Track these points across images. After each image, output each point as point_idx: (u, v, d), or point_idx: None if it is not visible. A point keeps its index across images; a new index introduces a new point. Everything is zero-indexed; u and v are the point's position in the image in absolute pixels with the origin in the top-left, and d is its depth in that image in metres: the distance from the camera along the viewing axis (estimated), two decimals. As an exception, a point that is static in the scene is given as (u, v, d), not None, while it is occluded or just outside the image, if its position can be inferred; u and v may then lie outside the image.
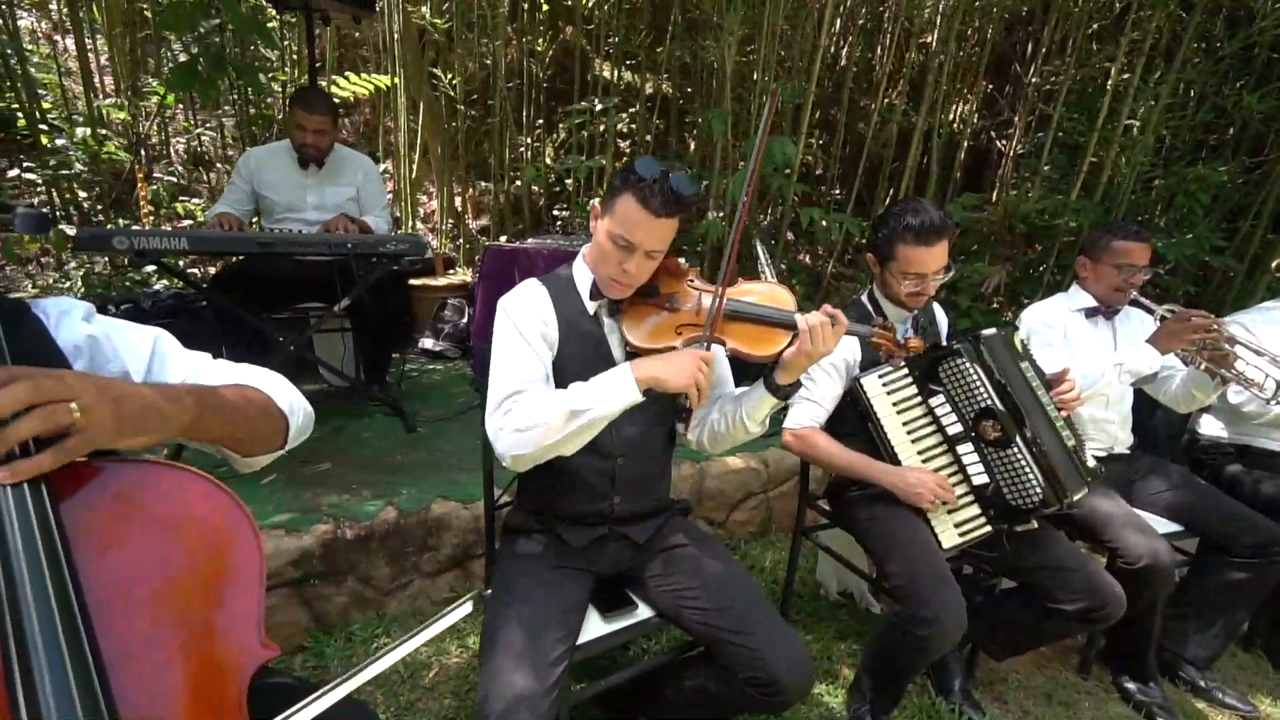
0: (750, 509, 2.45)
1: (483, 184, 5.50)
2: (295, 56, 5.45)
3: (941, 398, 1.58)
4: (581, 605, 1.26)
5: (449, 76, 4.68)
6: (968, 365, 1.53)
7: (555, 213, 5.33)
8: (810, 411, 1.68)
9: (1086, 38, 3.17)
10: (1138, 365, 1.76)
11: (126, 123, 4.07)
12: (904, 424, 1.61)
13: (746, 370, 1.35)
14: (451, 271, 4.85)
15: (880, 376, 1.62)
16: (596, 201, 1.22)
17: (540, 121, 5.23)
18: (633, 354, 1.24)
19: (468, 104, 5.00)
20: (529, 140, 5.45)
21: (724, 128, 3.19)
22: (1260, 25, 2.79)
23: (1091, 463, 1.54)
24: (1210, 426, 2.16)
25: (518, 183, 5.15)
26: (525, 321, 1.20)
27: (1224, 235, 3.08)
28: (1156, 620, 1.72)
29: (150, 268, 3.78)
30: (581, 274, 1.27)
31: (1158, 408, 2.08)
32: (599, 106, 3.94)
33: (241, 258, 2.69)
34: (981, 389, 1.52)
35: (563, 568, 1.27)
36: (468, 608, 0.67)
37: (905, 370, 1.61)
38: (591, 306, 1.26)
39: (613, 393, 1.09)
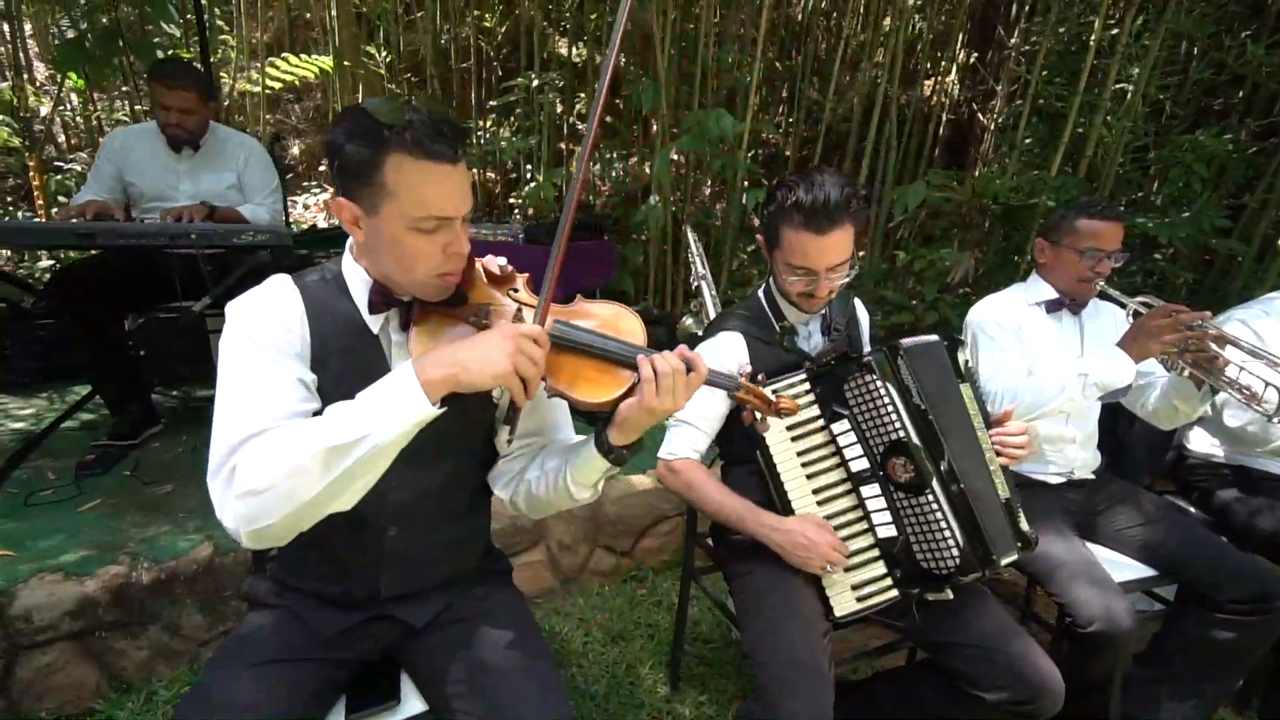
0: (662, 535, 2.13)
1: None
2: (231, 35, 5.14)
3: (846, 424, 1.23)
4: (320, 705, 0.94)
5: (383, 55, 4.35)
6: (879, 384, 1.18)
7: (511, 200, 5.01)
8: (687, 437, 1.35)
9: (1070, -12, 2.78)
10: (1106, 376, 1.40)
11: (11, 104, 3.77)
12: (800, 454, 1.26)
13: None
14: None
15: (774, 393, 1.26)
16: (340, 199, 0.85)
17: (492, 103, 4.89)
18: None
19: (412, 84, 4.67)
20: (483, 123, 5.12)
21: (654, 100, 2.83)
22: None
23: (1026, 526, 1.20)
24: (1200, 442, 1.81)
25: (479, 169, 4.84)
26: (265, 332, 0.86)
27: (1229, 214, 2.69)
28: (1114, 693, 1.39)
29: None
30: (355, 275, 0.92)
31: (1136, 418, 1.73)
32: (535, 82, 3.59)
33: (96, 253, 2.39)
34: (893, 416, 1.17)
35: (302, 660, 0.95)
36: None
37: (806, 384, 1.27)
38: (375, 321, 0.92)
39: (391, 407, 0.76)
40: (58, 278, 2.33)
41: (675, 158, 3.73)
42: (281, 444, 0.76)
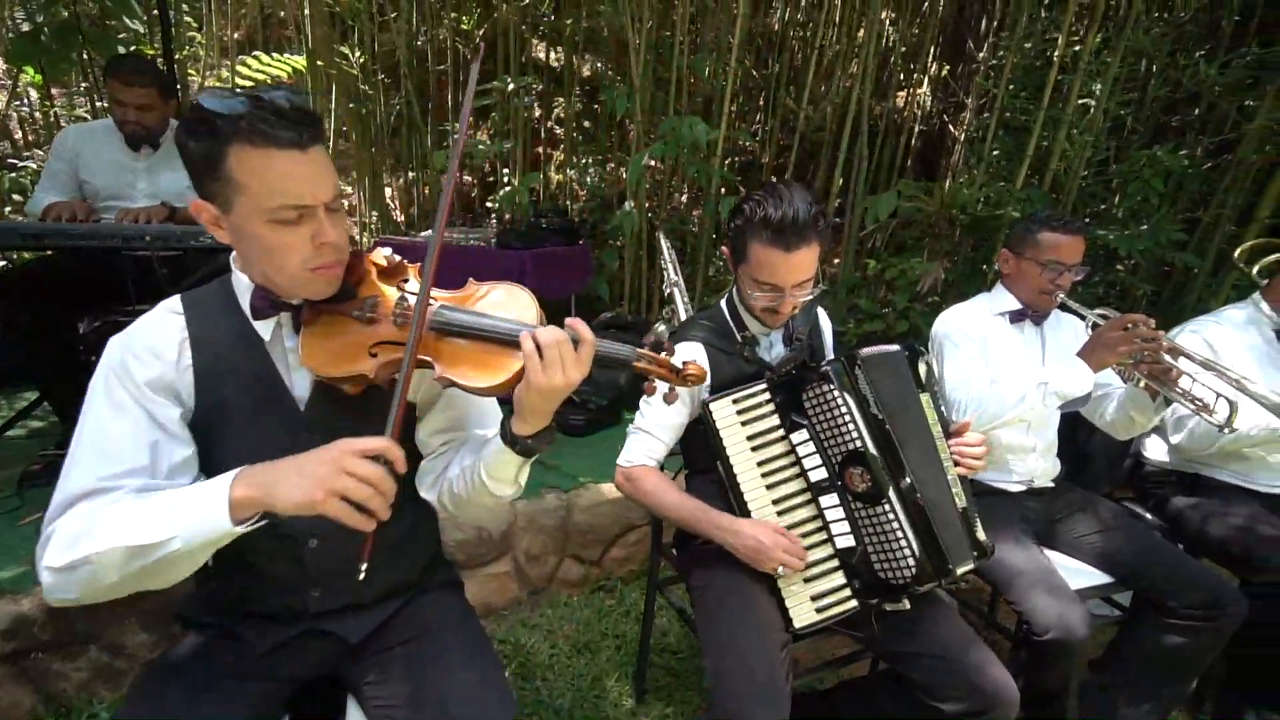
0: (630, 545, 2.11)
1: (410, 174, 5.13)
2: (199, 33, 5.03)
3: (805, 433, 1.23)
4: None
5: (357, 55, 4.28)
6: (836, 394, 1.18)
7: (489, 205, 4.98)
8: (644, 445, 1.34)
9: (1035, 3, 2.83)
10: (1066, 386, 1.43)
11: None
12: (760, 464, 1.26)
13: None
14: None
15: (735, 401, 1.27)
16: (196, 200, 0.81)
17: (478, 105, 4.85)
18: (323, 387, 0.88)
19: (388, 87, 4.61)
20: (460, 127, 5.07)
21: (628, 105, 2.83)
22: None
23: (983, 535, 1.21)
24: (1157, 451, 1.85)
25: (454, 173, 4.77)
26: (132, 366, 0.82)
27: (1185, 228, 2.77)
28: (1070, 700, 1.40)
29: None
30: (240, 283, 0.89)
31: (1096, 427, 1.76)
32: (510, 86, 3.56)
33: (49, 254, 2.30)
34: (851, 426, 1.17)
35: (235, 678, 0.91)
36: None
37: (767, 394, 1.27)
38: (265, 328, 0.88)
39: (198, 517, 0.72)
40: (8, 279, 2.24)
41: (651, 164, 3.74)
42: (91, 529, 0.73)
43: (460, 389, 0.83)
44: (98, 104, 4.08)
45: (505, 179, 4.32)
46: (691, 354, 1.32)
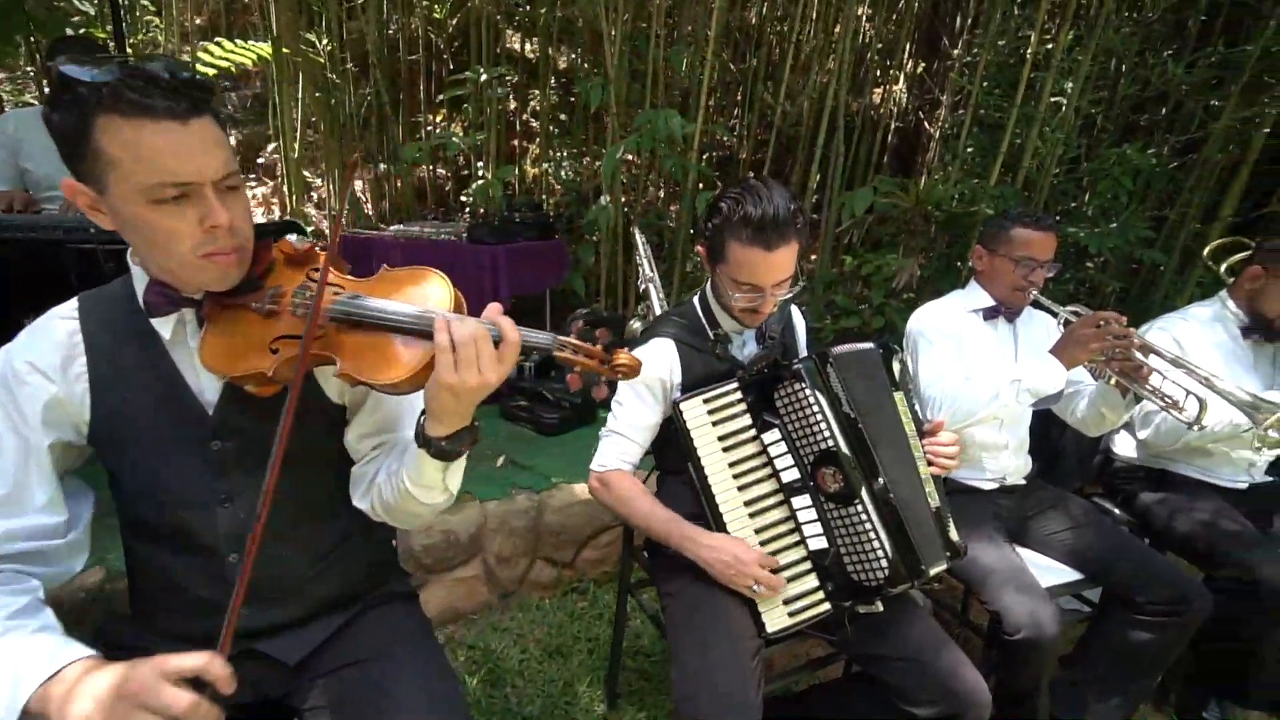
0: (604, 546, 2.07)
1: (382, 166, 5.00)
2: (158, 17, 4.84)
3: (777, 433, 1.20)
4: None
5: (324, 43, 4.15)
6: (808, 392, 1.15)
7: (464, 199, 4.88)
8: (617, 448, 1.30)
9: (1009, 0, 2.85)
10: (1039, 383, 1.42)
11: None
12: (731, 464, 1.23)
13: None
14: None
15: (705, 400, 1.24)
16: (69, 180, 0.72)
17: (441, 98, 4.74)
18: (232, 389, 0.81)
19: (355, 75, 4.47)
20: (434, 119, 4.96)
21: (602, 97, 2.78)
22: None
23: (955, 536, 1.19)
24: (1125, 446, 1.86)
25: (426, 165, 4.68)
26: (7, 389, 0.77)
27: (1153, 225, 2.81)
28: (1041, 700, 1.40)
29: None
30: (139, 277, 0.81)
31: (1068, 424, 1.76)
32: (484, 77, 3.48)
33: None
34: (823, 425, 1.15)
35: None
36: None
37: (739, 393, 1.23)
38: (164, 326, 0.80)
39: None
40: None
41: (630, 158, 3.68)
42: None
43: (367, 386, 0.76)
44: (46, 89, 3.90)
45: (480, 172, 4.23)
46: (662, 350, 1.29)
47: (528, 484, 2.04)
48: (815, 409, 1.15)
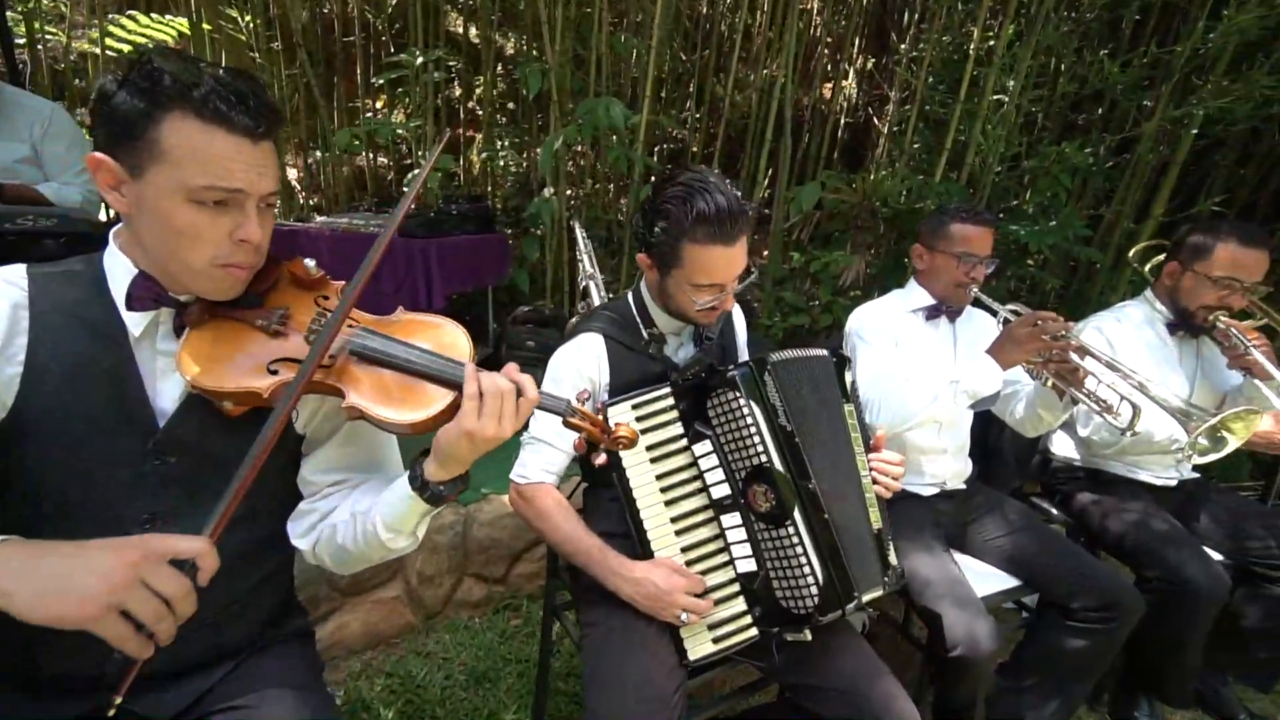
0: (538, 560, 1.96)
1: (319, 154, 4.71)
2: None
3: (709, 444, 1.11)
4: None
5: (245, 19, 3.86)
6: (741, 402, 1.06)
7: (405, 189, 4.64)
8: (540, 458, 1.19)
9: (954, -2, 2.84)
10: (977, 384, 1.37)
11: None
12: (659, 477, 1.13)
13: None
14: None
15: (635, 406, 1.13)
16: (98, 154, 0.70)
17: (379, 82, 4.49)
18: (196, 402, 0.74)
19: (279, 54, 4.18)
20: (376, 104, 4.71)
21: (541, 84, 2.64)
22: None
23: (894, 558, 1.13)
24: (1062, 446, 1.85)
25: (365, 153, 4.42)
26: None
27: (1090, 223, 2.85)
28: (978, 710, 1.37)
29: None
30: (119, 265, 0.75)
31: (1006, 425, 1.74)
32: (419, 60, 3.28)
33: None
34: (756, 439, 1.06)
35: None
36: None
37: (671, 399, 1.13)
38: (136, 321, 0.74)
39: None
40: None
41: (579, 148, 3.54)
42: None
43: (373, 423, 0.73)
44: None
45: (420, 162, 4.02)
46: (591, 346, 1.18)
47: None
48: (749, 421, 1.06)
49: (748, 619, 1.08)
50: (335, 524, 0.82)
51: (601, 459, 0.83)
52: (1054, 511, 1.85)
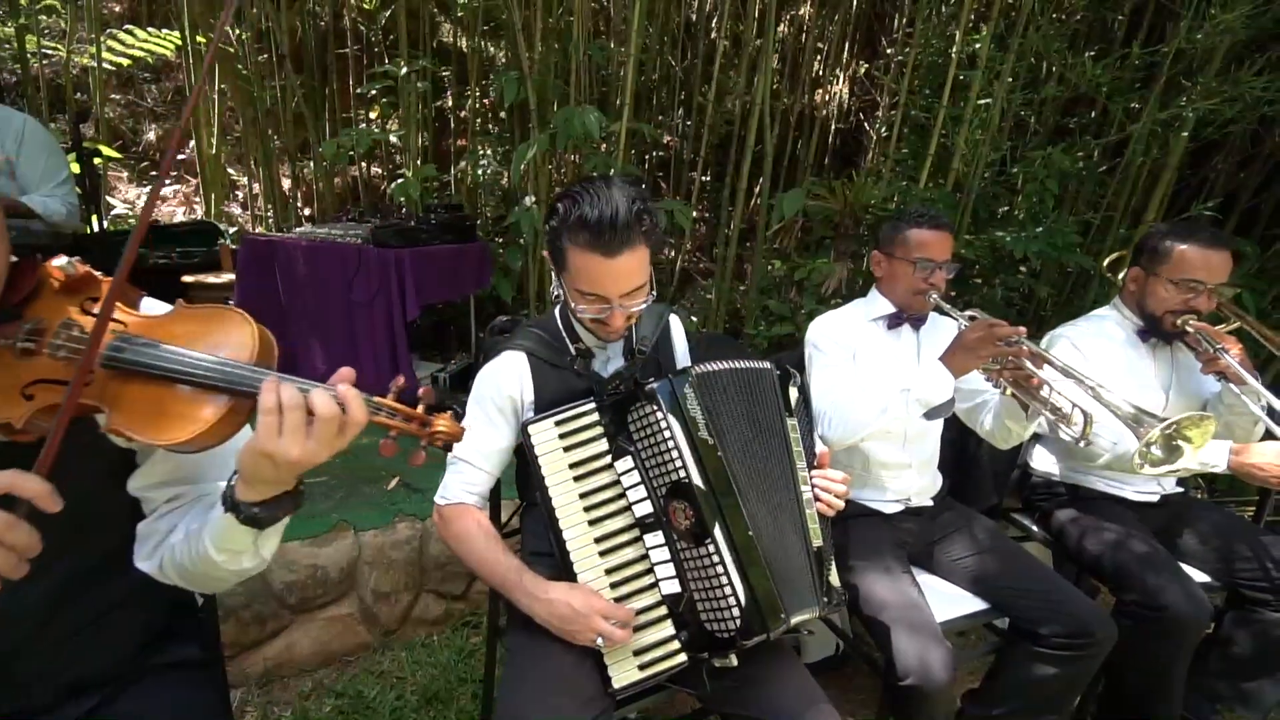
0: (498, 577, 1.91)
1: (311, 164, 4.76)
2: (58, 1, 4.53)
3: (630, 460, 1.06)
4: None
5: (237, 32, 3.91)
6: (660, 415, 1.02)
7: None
8: (462, 478, 1.15)
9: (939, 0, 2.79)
10: (928, 392, 1.31)
11: None
12: (582, 495, 1.08)
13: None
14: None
15: (558, 423, 1.09)
16: None
17: (368, 92, 4.53)
18: None
19: (270, 66, 4.23)
20: (370, 115, 4.74)
21: (517, 91, 2.63)
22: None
23: (835, 579, 1.07)
24: (1042, 460, 1.77)
25: (359, 163, 4.46)
26: None
27: (1082, 229, 2.77)
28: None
29: None
30: None
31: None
32: (404, 70, 3.30)
33: None
34: (674, 453, 1.01)
35: None
36: None
37: (595, 415, 1.09)
38: None
39: None
40: None
41: (569, 156, 3.53)
42: None
43: (140, 445, 0.66)
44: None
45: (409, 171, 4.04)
46: (512, 365, 1.15)
47: (413, 510, 1.87)
48: (667, 434, 1.02)
49: (675, 644, 1.02)
50: (174, 543, 0.75)
51: (420, 458, 0.69)
52: (1034, 529, 1.77)
